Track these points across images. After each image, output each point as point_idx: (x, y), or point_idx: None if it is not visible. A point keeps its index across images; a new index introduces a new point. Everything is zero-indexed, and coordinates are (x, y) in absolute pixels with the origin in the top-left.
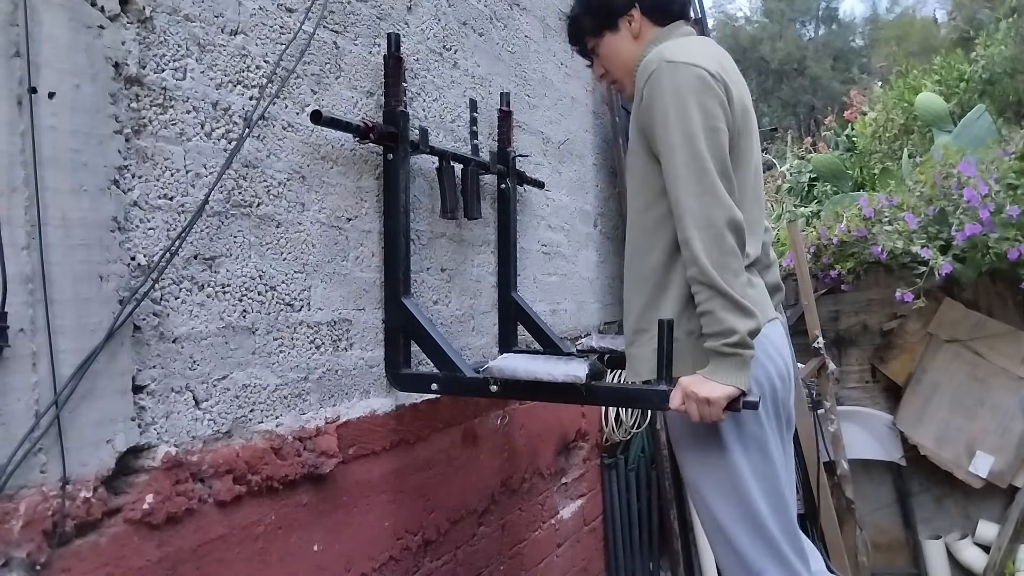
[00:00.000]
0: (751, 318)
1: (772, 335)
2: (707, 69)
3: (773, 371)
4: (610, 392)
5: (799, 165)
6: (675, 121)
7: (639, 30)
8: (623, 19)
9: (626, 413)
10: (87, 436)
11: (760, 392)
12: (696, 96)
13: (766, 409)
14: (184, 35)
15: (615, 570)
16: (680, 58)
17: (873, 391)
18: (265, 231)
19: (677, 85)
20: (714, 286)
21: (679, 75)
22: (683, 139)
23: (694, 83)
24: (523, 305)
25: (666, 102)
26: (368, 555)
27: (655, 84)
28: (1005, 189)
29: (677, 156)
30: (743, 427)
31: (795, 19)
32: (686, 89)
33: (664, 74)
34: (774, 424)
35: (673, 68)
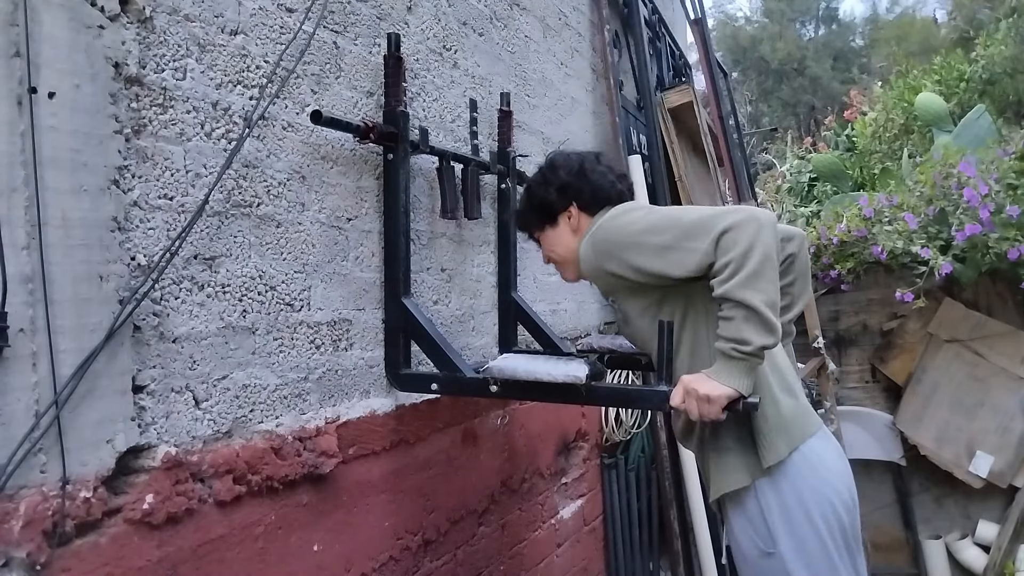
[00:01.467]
0: (772, 335)
1: (829, 459)
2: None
3: (839, 504)
4: (610, 392)
5: (799, 165)
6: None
7: (577, 224)
8: (562, 215)
9: (626, 413)
10: (87, 436)
11: (828, 530)
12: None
13: (838, 546)
14: (184, 35)
15: (615, 570)
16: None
17: (873, 391)
18: (265, 231)
19: (606, 235)
20: (749, 306)
21: (601, 232)
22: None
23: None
24: (523, 305)
25: (610, 249)
26: (368, 555)
27: (597, 255)
28: (1005, 189)
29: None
30: (815, 568)
31: (795, 19)
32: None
33: (592, 244)
34: (846, 557)
35: (593, 235)
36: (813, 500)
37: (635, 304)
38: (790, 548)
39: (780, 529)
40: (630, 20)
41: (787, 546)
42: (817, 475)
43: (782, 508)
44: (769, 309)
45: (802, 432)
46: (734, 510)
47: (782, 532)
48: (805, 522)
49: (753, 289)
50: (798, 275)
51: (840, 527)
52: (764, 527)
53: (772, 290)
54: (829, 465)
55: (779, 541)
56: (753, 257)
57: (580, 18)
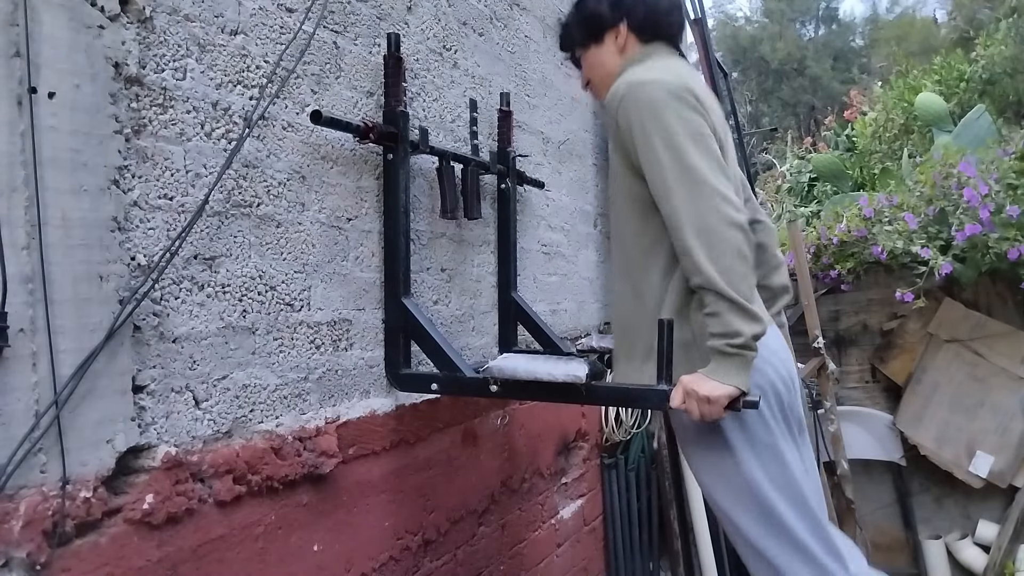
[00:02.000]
0: (757, 322)
1: (769, 340)
2: (672, 82)
3: (773, 375)
4: (610, 392)
5: (799, 165)
6: (658, 137)
7: (624, 44)
8: (610, 32)
9: (626, 413)
10: (87, 436)
11: (764, 402)
12: (671, 108)
13: (772, 413)
14: (184, 35)
15: (615, 570)
16: (644, 78)
17: (873, 391)
18: (265, 231)
19: (650, 102)
20: (720, 292)
21: (648, 92)
22: (670, 152)
23: (665, 96)
24: (523, 305)
25: (644, 121)
26: (368, 555)
27: (628, 108)
28: (1005, 189)
29: (666, 170)
30: (752, 434)
31: (795, 19)
32: (660, 104)
33: (633, 95)
34: (783, 427)
35: (640, 87)
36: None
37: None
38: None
39: None
40: None
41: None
42: (759, 356)
43: None
44: (743, 298)
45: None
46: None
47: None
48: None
49: (726, 281)
50: (773, 267)
51: (778, 401)
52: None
53: (746, 284)
54: (772, 346)
55: None
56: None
57: None
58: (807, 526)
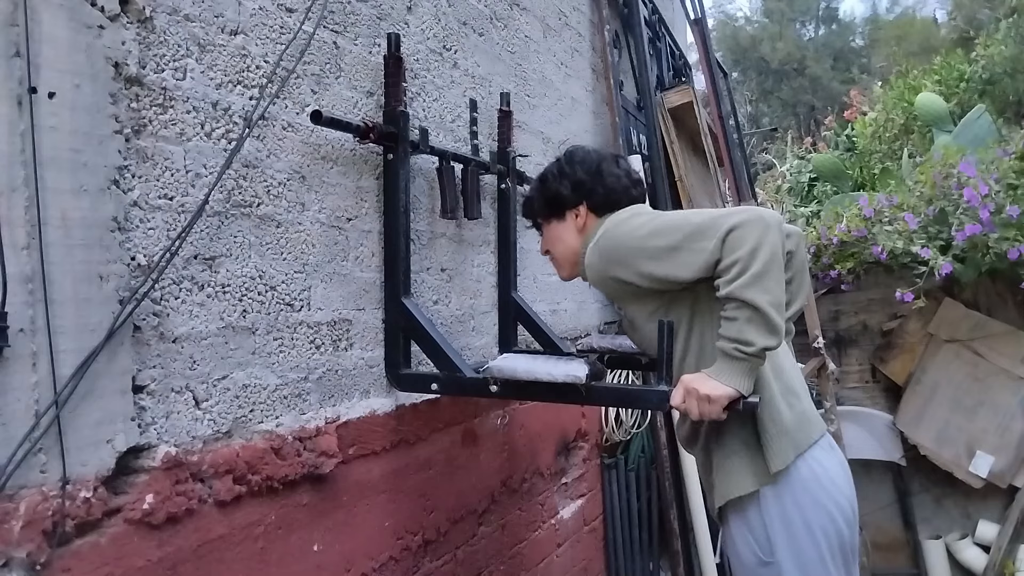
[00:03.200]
0: (775, 336)
1: (832, 471)
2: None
3: (840, 518)
4: (610, 392)
5: (799, 165)
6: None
7: (583, 224)
8: (570, 212)
9: (626, 413)
10: (87, 436)
11: (827, 544)
12: (624, 226)
13: (835, 561)
14: (184, 35)
15: (615, 570)
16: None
17: (873, 391)
18: (265, 231)
19: (611, 242)
20: (748, 303)
21: (606, 239)
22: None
23: (616, 228)
24: (523, 305)
25: (617, 255)
26: (368, 555)
27: (603, 261)
28: (1005, 189)
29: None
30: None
31: (795, 19)
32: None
33: (598, 251)
34: (842, 571)
35: (597, 243)
36: (814, 512)
37: (642, 310)
38: (788, 559)
39: (780, 539)
40: (630, 20)
41: (785, 556)
42: (820, 486)
43: (783, 518)
44: (774, 310)
45: (807, 438)
46: (735, 516)
47: (782, 542)
48: (805, 534)
49: (759, 289)
50: (796, 272)
51: (839, 541)
52: (764, 535)
53: (778, 291)
54: (832, 477)
55: (777, 551)
56: (759, 257)
57: (580, 18)
58: None
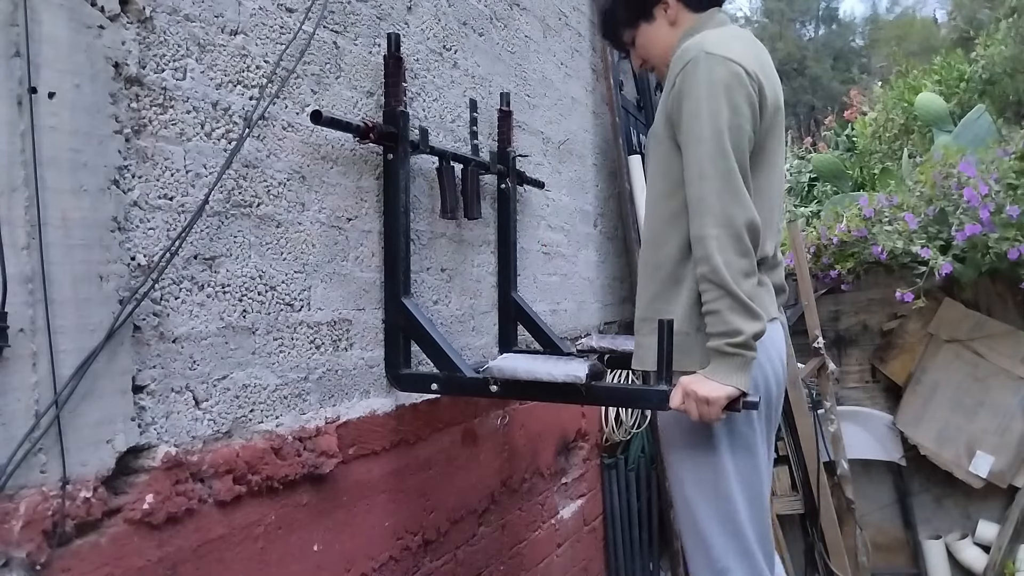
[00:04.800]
0: (757, 321)
1: (774, 336)
2: (744, 67)
3: (771, 374)
4: (610, 392)
5: (799, 165)
6: (706, 115)
7: (675, 17)
8: (658, 7)
9: (626, 413)
10: (87, 436)
11: (754, 393)
12: (729, 92)
13: (759, 411)
14: (184, 35)
15: (615, 570)
16: (719, 51)
17: (873, 391)
18: (265, 231)
19: (712, 79)
20: (724, 286)
21: (716, 69)
22: (712, 135)
23: (729, 79)
24: (523, 305)
25: (699, 94)
26: (368, 555)
27: (690, 74)
28: (1005, 189)
29: (703, 151)
30: (734, 428)
31: (795, 19)
32: (720, 84)
33: (701, 65)
34: (764, 427)
35: (710, 60)
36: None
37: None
38: None
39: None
40: None
41: None
42: (763, 351)
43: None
44: (746, 294)
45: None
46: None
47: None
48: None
49: (730, 275)
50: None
51: (766, 397)
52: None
53: (748, 282)
54: (774, 340)
55: None
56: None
57: (580, 18)
58: (755, 524)
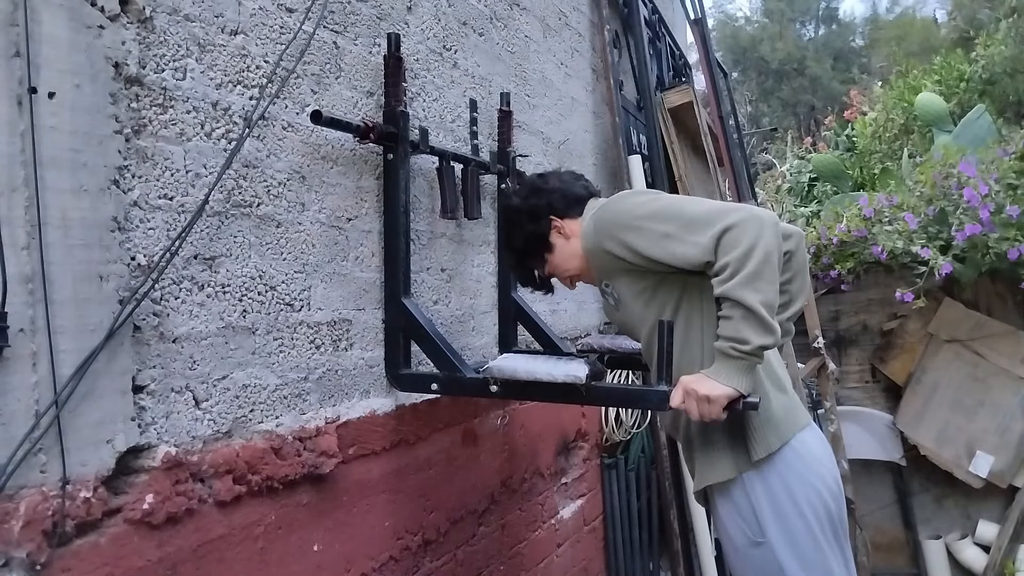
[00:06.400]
0: (771, 335)
1: (815, 449)
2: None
3: (825, 491)
4: (610, 392)
5: (799, 165)
6: (631, 223)
7: (568, 231)
8: (552, 233)
9: (626, 413)
10: (87, 436)
11: (814, 516)
12: (626, 202)
13: (822, 529)
14: (184, 35)
15: (615, 570)
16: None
17: (873, 391)
18: (265, 231)
19: (610, 214)
20: (746, 306)
21: (606, 211)
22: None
23: (618, 202)
24: (523, 305)
25: (611, 229)
26: (368, 555)
27: (598, 233)
28: (1005, 189)
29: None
30: (804, 557)
31: (795, 19)
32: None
33: (595, 222)
34: (834, 544)
35: (597, 213)
36: (800, 489)
37: (630, 287)
38: (779, 536)
39: (768, 518)
40: (630, 20)
41: (775, 534)
42: (805, 464)
43: (770, 498)
44: (766, 310)
45: (792, 426)
46: (722, 501)
47: (771, 521)
48: (793, 511)
49: (751, 289)
50: (796, 272)
51: (827, 514)
52: (753, 517)
53: (771, 291)
54: (816, 455)
55: (768, 530)
56: (753, 258)
57: (580, 18)
58: None
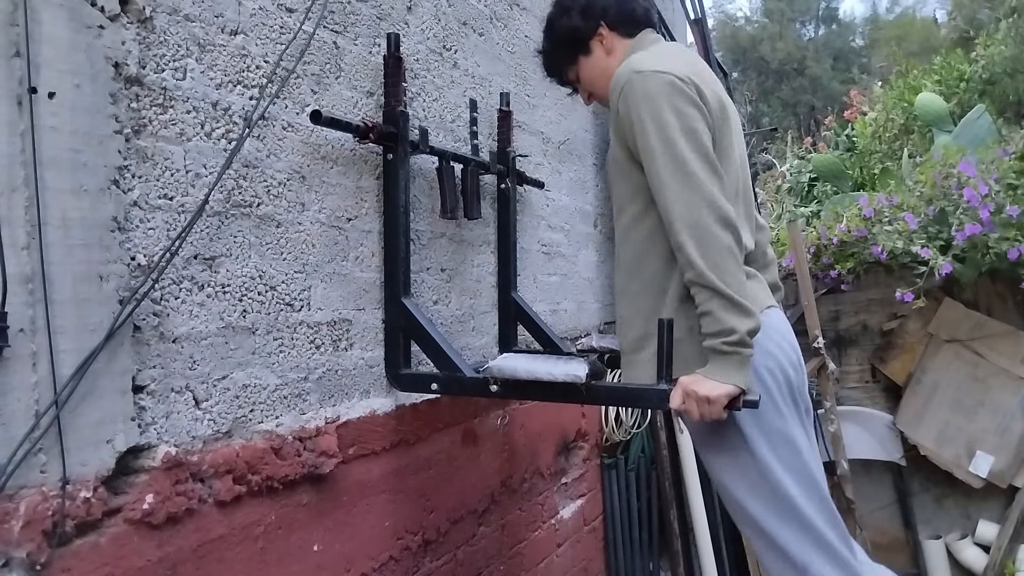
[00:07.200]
0: (750, 317)
1: (776, 322)
2: (674, 74)
3: (784, 359)
4: (610, 392)
5: (799, 165)
6: (653, 129)
7: (611, 46)
8: (594, 40)
9: (626, 413)
10: (87, 436)
11: (774, 382)
12: (668, 101)
13: (784, 398)
14: (184, 35)
15: (615, 570)
16: (648, 67)
17: (873, 391)
18: (265, 231)
19: (649, 93)
20: (712, 287)
21: (649, 83)
22: (663, 145)
23: (665, 89)
24: (523, 305)
25: (640, 111)
26: (368, 555)
27: (628, 96)
28: (1005, 189)
29: (659, 163)
30: (765, 423)
31: (795, 19)
32: (658, 96)
33: (634, 84)
34: (795, 413)
35: (642, 78)
36: (762, 362)
37: (620, 152)
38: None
39: None
40: None
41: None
42: (768, 339)
43: None
44: (735, 291)
45: (757, 303)
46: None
47: None
48: (755, 382)
49: (716, 275)
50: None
51: (788, 385)
52: None
53: (736, 278)
54: (777, 327)
55: None
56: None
57: None
58: (822, 515)
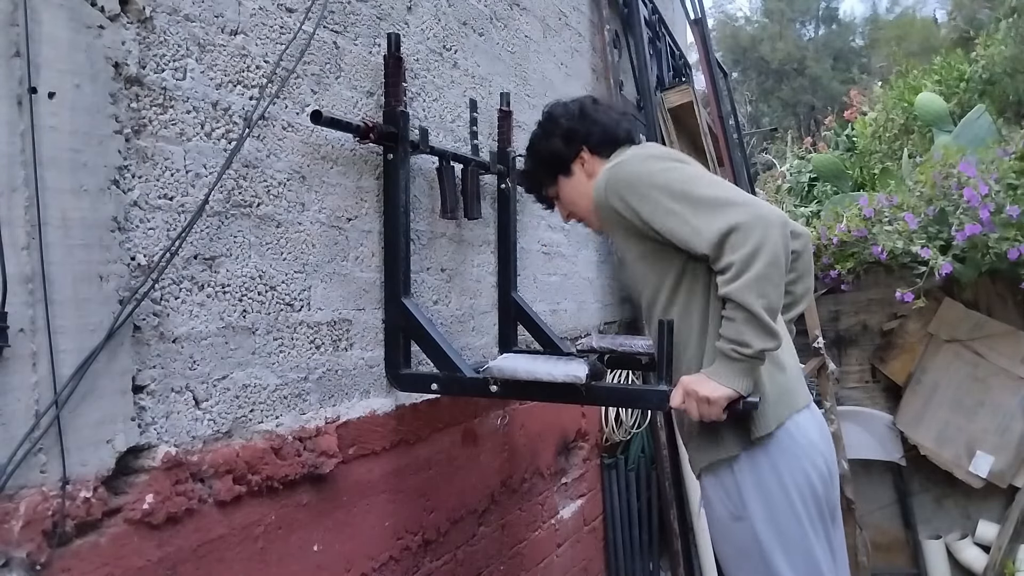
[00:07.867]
0: (772, 339)
1: (808, 431)
2: (645, 152)
3: (811, 471)
4: (610, 392)
5: (799, 165)
6: (646, 189)
7: (592, 169)
8: (575, 162)
9: (626, 413)
10: (87, 436)
11: (798, 495)
12: (646, 166)
13: (807, 512)
14: (184, 35)
15: (615, 570)
16: (616, 161)
17: (873, 391)
18: (265, 231)
19: (629, 171)
20: (743, 305)
21: (624, 166)
22: (660, 192)
23: (639, 161)
24: (523, 305)
25: (626, 190)
26: (368, 555)
27: (612, 187)
28: (1005, 189)
29: (668, 208)
30: (784, 533)
31: (795, 19)
32: (639, 167)
33: (614, 174)
34: (819, 527)
35: (617, 166)
36: (788, 469)
37: (634, 249)
38: (760, 511)
39: (751, 493)
40: (630, 20)
41: (757, 510)
42: (797, 446)
43: (755, 474)
44: (769, 314)
45: (790, 406)
46: (709, 476)
47: (753, 496)
48: (777, 488)
49: (756, 293)
50: (801, 274)
51: (814, 496)
52: (736, 491)
53: (774, 295)
54: (810, 437)
55: (749, 505)
56: (759, 260)
57: (580, 18)
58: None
